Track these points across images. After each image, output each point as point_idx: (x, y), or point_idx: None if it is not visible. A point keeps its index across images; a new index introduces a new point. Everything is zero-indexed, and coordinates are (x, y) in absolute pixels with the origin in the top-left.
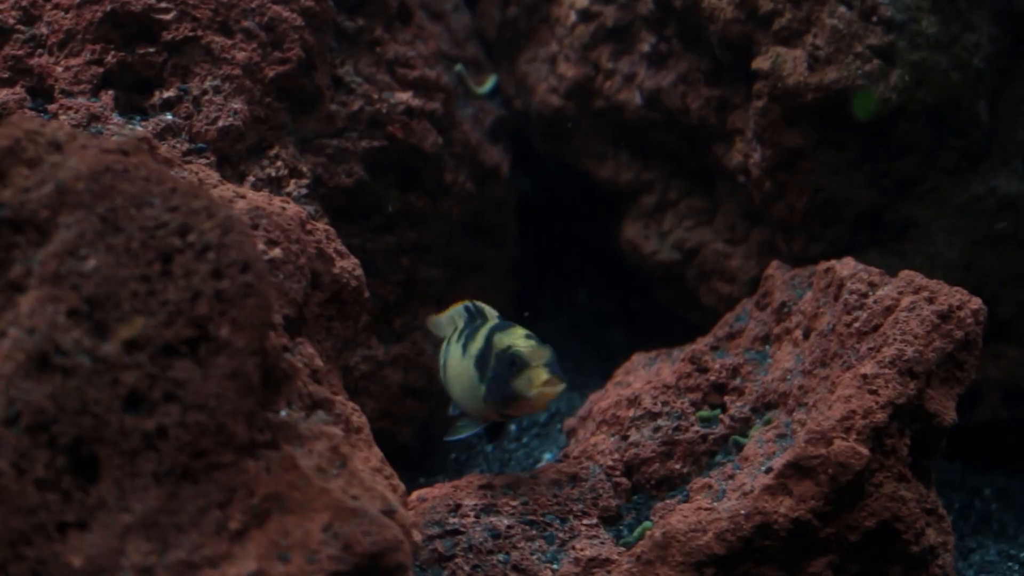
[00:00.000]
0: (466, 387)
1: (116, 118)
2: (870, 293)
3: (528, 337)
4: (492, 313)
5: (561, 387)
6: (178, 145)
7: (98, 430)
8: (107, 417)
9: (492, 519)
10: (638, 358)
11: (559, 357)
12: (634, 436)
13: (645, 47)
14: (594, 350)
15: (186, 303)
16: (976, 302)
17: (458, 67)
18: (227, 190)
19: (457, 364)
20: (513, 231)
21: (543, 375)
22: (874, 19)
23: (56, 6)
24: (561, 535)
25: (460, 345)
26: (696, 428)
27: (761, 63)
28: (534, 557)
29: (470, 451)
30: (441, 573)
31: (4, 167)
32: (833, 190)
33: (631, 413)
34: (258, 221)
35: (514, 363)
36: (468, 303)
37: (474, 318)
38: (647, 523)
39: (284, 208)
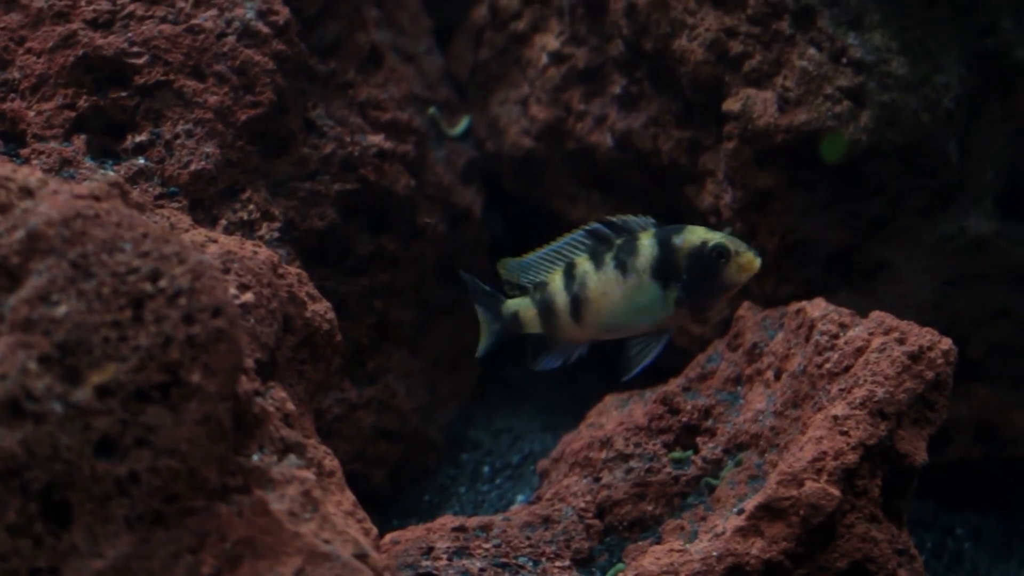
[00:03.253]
0: (641, 305)
1: (88, 162)
2: (841, 334)
3: (707, 230)
4: (642, 222)
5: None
6: (150, 189)
7: (70, 476)
8: (79, 463)
9: (465, 562)
10: (611, 399)
11: (532, 399)
12: (606, 478)
13: (616, 89)
14: (567, 392)
15: (157, 349)
16: (946, 342)
17: (431, 109)
18: (199, 234)
19: (617, 286)
20: (486, 272)
21: (752, 257)
22: (844, 60)
23: (28, 51)
24: None
25: (612, 267)
26: (668, 470)
27: (731, 105)
28: None
29: (443, 493)
30: None
31: None
32: (804, 231)
33: (603, 455)
34: (230, 265)
35: (721, 255)
36: (597, 224)
37: (602, 240)
38: (619, 565)
39: (256, 252)
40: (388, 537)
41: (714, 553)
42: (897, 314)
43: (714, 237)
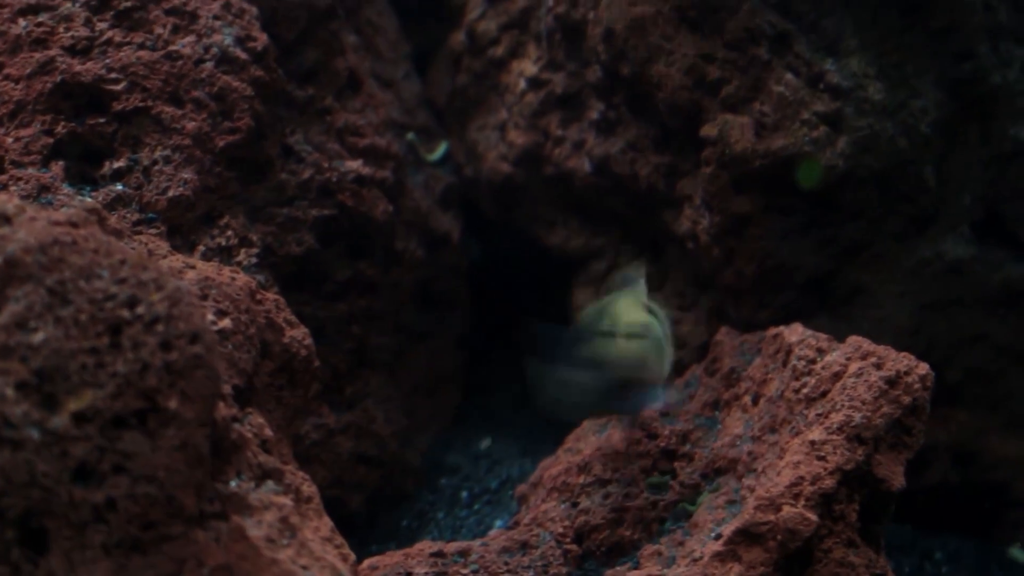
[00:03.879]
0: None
1: (66, 188)
2: (818, 359)
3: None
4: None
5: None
6: (128, 215)
7: (47, 502)
8: (56, 489)
9: None
10: (589, 424)
11: (510, 424)
12: (584, 503)
13: (594, 114)
14: (545, 418)
15: (135, 375)
16: (923, 367)
17: (410, 135)
18: (177, 260)
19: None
20: (464, 298)
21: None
22: (821, 86)
23: (7, 77)
24: None
25: None
26: (646, 495)
27: (709, 130)
28: None
29: (421, 518)
30: None
31: None
32: (782, 256)
33: (581, 480)
34: (207, 291)
35: None
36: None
37: None
38: None
39: (234, 278)
40: (366, 563)
41: None
42: (874, 339)
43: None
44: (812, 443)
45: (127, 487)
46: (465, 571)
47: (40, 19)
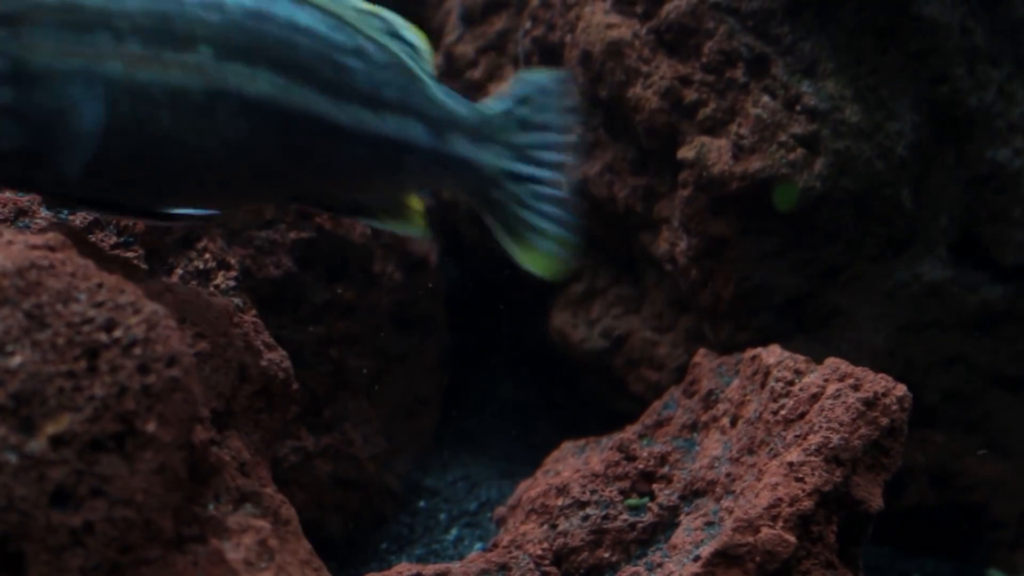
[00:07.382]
0: None
1: (44, 212)
2: (796, 380)
3: None
4: None
5: None
6: (106, 239)
7: (25, 526)
8: (34, 513)
9: None
10: (567, 446)
11: (489, 446)
12: (563, 525)
13: None
14: (523, 440)
15: (112, 398)
16: (901, 389)
17: None
18: (155, 284)
19: None
20: (442, 321)
21: None
22: (798, 108)
23: None
24: None
25: None
26: (624, 516)
27: (686, 152)
28: None
29: (399, 541)
30: None
31: None
32: (759, 278)
33: (560, 502)
34: (185, 315)
35: None
36: None
37: None
38: None
39: (212, 301)
40: None
41: None
42: (852, 361)
43: None
44: (790, 465)
45: (105, 510)
46: None
47: None
